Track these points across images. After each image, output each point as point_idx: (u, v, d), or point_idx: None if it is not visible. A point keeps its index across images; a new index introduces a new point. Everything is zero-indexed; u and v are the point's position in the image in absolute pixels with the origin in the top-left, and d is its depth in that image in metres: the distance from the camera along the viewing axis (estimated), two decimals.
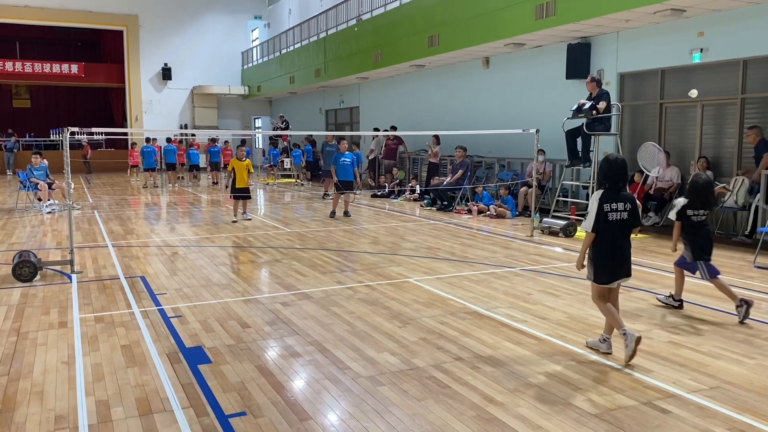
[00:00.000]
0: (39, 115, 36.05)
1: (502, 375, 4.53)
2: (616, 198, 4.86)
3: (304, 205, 16.18)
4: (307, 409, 3.98)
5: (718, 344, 5.19)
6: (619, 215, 4.85)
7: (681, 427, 3.73)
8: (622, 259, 4.91)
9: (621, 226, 4.88)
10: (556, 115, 11.90)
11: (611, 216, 4.83)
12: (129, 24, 30.66)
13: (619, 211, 4.85)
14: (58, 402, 4.09)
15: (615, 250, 4.87)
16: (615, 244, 4.87)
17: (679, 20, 11.24)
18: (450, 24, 15.26)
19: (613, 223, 4.84)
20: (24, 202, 15.22)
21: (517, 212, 13.46)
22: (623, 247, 4.91)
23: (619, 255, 4.89)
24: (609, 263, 4.89)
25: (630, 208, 4.88)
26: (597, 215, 4.83)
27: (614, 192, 4.87)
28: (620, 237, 4.89)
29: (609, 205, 4.84)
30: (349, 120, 25.27)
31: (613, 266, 4.90)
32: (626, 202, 4.87)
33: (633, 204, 4.92)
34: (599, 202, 4.85)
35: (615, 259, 4.89)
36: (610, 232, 4.85)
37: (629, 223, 4.91)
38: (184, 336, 5.42)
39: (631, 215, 4.90)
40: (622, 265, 4.91)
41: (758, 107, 10.61)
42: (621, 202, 4.86)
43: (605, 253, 4.88)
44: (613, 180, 4.90)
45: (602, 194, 4.88)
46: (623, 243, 4.91)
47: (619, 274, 4.94)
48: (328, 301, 6.57)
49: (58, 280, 7.57)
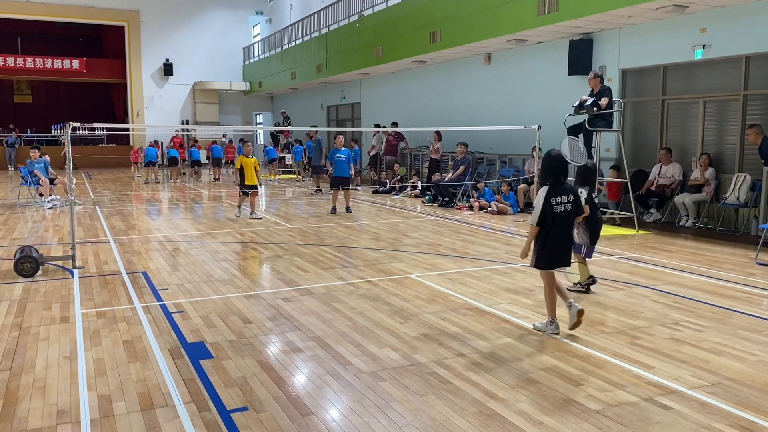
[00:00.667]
0: (40, 110, 36.07)
1: (504, 371, 4.53)
2: (560, 191, 5.16)
3: (306, 201, 16.18)
4: (309, 405, 3.99)
5: (719, 340, 5.19)
6: (564, 207, 5.16)
7: (682, 423, 3.73)
8: (566, 248, 5.29)
9: (566, 218, 5.20)
10: (558, 112, 11.89)
11: (557, 209, 5.14)
12: (130, 19, 30.64)
13: (564, 203, 5.16)
14: (60, 397, 4.10)
15: (560, 240, 5.22)
16: (561, 234, 5.20)
17: (681, 16, 11.21)
18: (452, 20, 15.23)
19: (558, 215, 5.15)
20: (26, 198, 15.23)
21: (519, 209, 13.45)
22: (567, 237, 5.29)
23: (563, 244, 5.25)
24: (554, 252, 5.23)
25: (573, 200, 5.21)
26: (543, 210, 5.13)
27: (558, 186, 5.18)
28: (565, 228, 5.23)
29: (555, 199, 5.14)
30: (350, 116, 25.25)
31: (558, 255, 5.25)
32: (569, 194, 5.20)
33: (575, 196, 5.26)
34: (545, 198, 5.14)
35: (560, 248, 5.24)
36: (557, 224, 5.15)
37: (573, 214, 5.25)
38: (186, 331, 5.42)
39: (574, 206, 5.24)
40: (565, 254, 5.29)
41: (760, 104, 10.59)
42: (564, 195, 5.17)
43: (552, 243, 5.19)
44: (556, 174, 5.22)
45: (548, 190, 5.16)
46: (568, 233, 5.28)
47: (561, 261, 5.30)
48: (329, 297, 6.57)
49: (60, 276, 7.58)
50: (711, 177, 10.92)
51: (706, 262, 8.26)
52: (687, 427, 3.67)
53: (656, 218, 11.84)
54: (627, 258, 8.63)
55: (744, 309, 6.12)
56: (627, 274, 7.68)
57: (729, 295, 6.66)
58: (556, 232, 5.15)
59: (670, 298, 6.53)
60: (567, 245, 5.29)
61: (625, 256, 8.78)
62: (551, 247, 5.18)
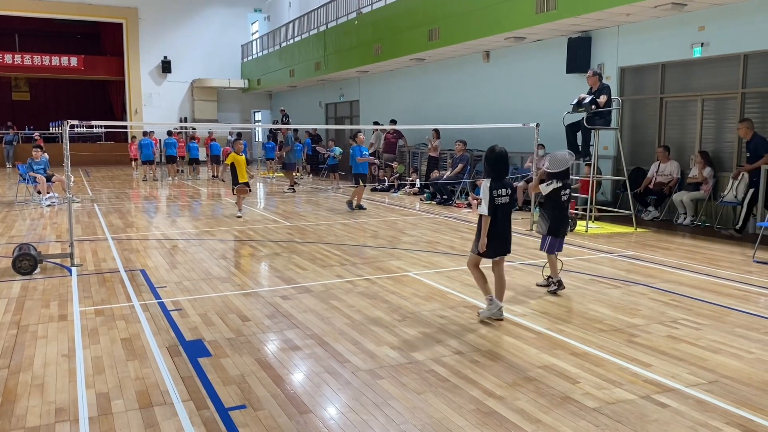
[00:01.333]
0: (38, 108, 36.01)
1: (502, 369, 4.54)
2: (500, 185, 5.60)
3: (304, 199, 16.18)
4: (307, 402, 4.00)
5: (716, 338, 5.20)
6: (503, 199, 5.61)
7: (679, 421, 3.74)
8: (506, 237, 5.71)
9: (505, 209, 5.65)
10: (557, 109, 11.89)
11: (498, 200, 5.59)
12: (128, 16, 30.57)
13: (503, 195, 5.61)
14: (59, 394, 4.10)
15: (501, 230, 5.65)
16: (501, 224, 5.65)
17: (679, 14, 11.22)
18: (450, 17, 15.22)
19: (499, 207, 5.60)
20: (24, 195, 15.22)
21: (517, 206, 13.46)
22: (507, 227, 5.71)
23: (504, 233, 5.68)
24: (495, 241, 5.62)
25: (510, 193, 5.66)
26: (490, 201, 5.56)
27: (499, 179, 5.62)
28: (504, 218, 5.67)
29: (496, 191, 5.58)
30: (349, 114, 25.24)
31: (498, 243, 5.66)
32: (507, 188, 5.65)
33: (512, 190, 5.73)
34: (489, 190, 5.55)
35: (500, 237, 5.65)
36: (498, 215, 5.61)
37: (510, 207, 5.68)
38: (184, 329, 5.43)
39: (511, 199, 5.67)
40: (505, 243, 5.72)
41: (759, 102, 10.60)
42: (504, 188, 5.62)
43: (495, 233, 5.61)
44: (498, 168, 5.66)
45: (490, 183, 5.59)
46: (506, 223, 5.70)
47: (502, 250, 5.73)
48: (327, 295, 6.58)
49: (58, 273, 7.58)
50: (709, 175, 10.93)
51: (703, 260, 8.28)
52: (684, 425, 3.69)
53: (654, 216, 11.86)
54: (625, 256, 8.64)
55: (741, 307, 6.13)
56: (625, 272, 7.69)
57: (726, 293, 6.68)
58: (497, 223, 5.59)
59: (667, 296, 6.55)
60: (506, 235, 5.71)
61: (623, 253, 8.79)
62: (495, 236, 5.59)
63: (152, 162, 22.03)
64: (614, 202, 12.81)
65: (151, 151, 21.80)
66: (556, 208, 6.63)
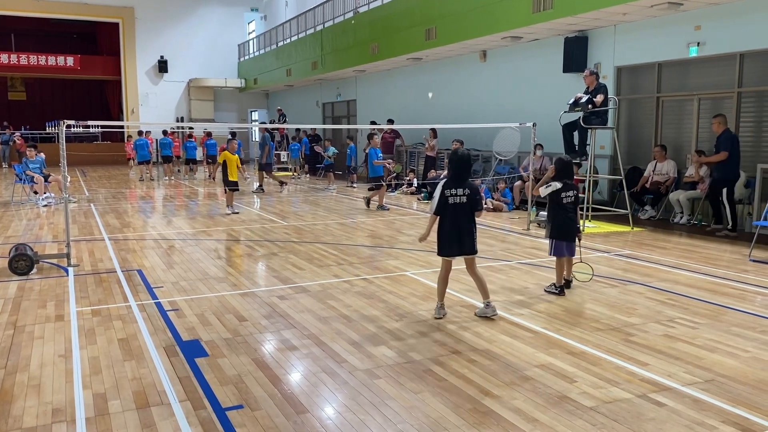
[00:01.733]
0: (34, 108, 35.90)
1: (498, 368, 4.55)
2: (457, 185, 5.63)
3: (301, 198, 16.17)
4: (304, 402, 4.00)
5: (712, 337, 5.21)
6: (459, 199, 5.61)
7: (676, 419, 3.75)
8: (461, 237, 5.65)
9: (460, 209, 5.62)
10: (553, 109, 11.91)
11: (450, 200, 5.60)
12: (125, 16, 30.52)
13: (459, 195, 5.61)
14: (56, 395, 4.09)
15: (454, 229, 5.63)
16: (454, 223, 5.63)
17: (676, 14, 11.24)
18: (447, 17, 15.23)
19: (452, 206, 5.61)
20: (20, 195, 15.18)
21: (514, 206, 13.48)
22: (462, 227, 5.65)
23: (457, 233, 5.64)
24: (448, 239, 5.65)
25: (468, 194, 5.63)
26: (439, 200, 5.61)
27: (456, 180, 5.66)
28: (460, 218, 5.64)
29: (450, 191, 5.61)
30: (346, 113, 25.23)
31: (452, 242, 5.65)
32: (465, 188, 5.64)
33: (472, 191, 5.67)
34: (442, 189, 5.63)
35: (453, 236, 5.64)
36: (451, 214, 5.62)
37: (468, 207, 5.64)
38: (181, 329, 5.42)
39: (470, 200, 5.63)
40: (461, 242, 5.66)
41: (755, 101, 10.62)
42: (461, 189, 5.62)
43: (446, 231, 5.65)
44: (456, 169, 5.72)
45: (445, 182, 5.68)
46: (463, 223, 5.65)
47: (459, 250, 5.69)
48: (324, 295, 6.58)
49: (55, 274, 7.57)
50: (705, 174, 10.95)
51: (700, 259, 8.30)
52: (680, 424, 3.70)
53: (651, 215, 11.88)
54: (621, 255, 8.66)
55: (737, 306, 6.15)
56: (621, 271, 7.71)
57: (723, 291, 6.70)
58: (449, 222, 5.62)
59: (664, 295, 6.56)
60: (460, 236, 5.63)
61: (619, 253, 8.80)
62: (445, 234, 5.64)
63: (149, 162, 22.00)
64: (611, 201, 12.83)
65: (147, 151, 21.76)
66: (558, 211, 6.54)
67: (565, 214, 6.53)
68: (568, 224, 6.53)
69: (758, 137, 10.59)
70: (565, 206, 6.53)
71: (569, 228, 6.53)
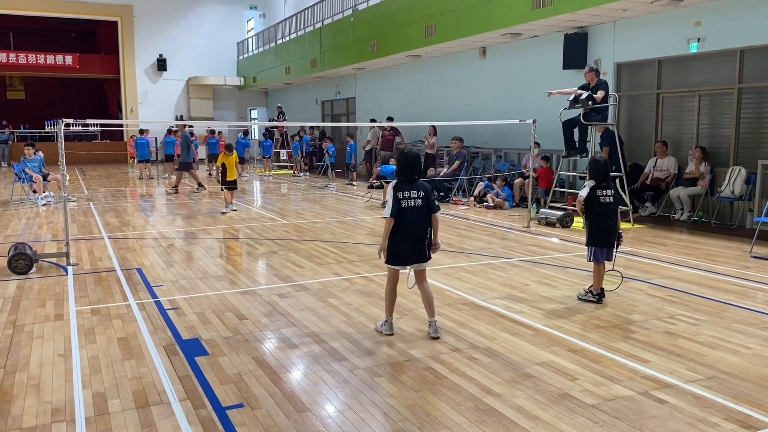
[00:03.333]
0: (33, 106, 35.84)
1: (499, 366, 4.53)
2: (409, 187, 5.14)
3: (301, 197, 16.14)
4: (305, 401, 3.98)
5: (714, 334, 5.20)
6: (414, 202, 5.12)
7: (678, 417, 3.74)
8: (416, 244, 5.15)
9: (416, 213, 5.13)
10: (553, 106, 11.88)
11: (404, 203, 5.11)
12: (123, 14, 30.45)
13: (413, 198, 5.12)
14: (55, 395, 4.08)
15: (408, 235, 5.14)
16: (408, 229, 5.13)
17: (676, 10, 11.20)
18: (446, 14, 15.19)
19: (406, 210, 5.10)
20: (19, 195, 15.16)
21: (515, 203, 13.46)
22: (417, 233, 5.15)
23: (414, 239, 5.15)
24: (401, 247, 5.15)
25: (423, 196, 5.15)
26: (393, 202, 5.11)
27: (408, 182, 5.17)
28: (416, 223, 5.14)
29: (402, 194, 5.12)
30: (345, 111, 25.19)
31: (405, 250, 5.16)
32: (419, 190, 5.15)
33: (426, 192, 5.19)
34: (394, 191, 5.15)
35: (406, 242, 5.14)
36: (404, 219, 5.10)
37: (424, 210, 5.15)
38: (181, 328, 5.41)
39: (425, 202, 5.16)
40: (414, 250, 5.16)
41: (755, 97, 10.60)
42: (415, 191, 5.14)
43: (400, 238, 5.13)
44: (407, 171, 5.19)
45: (396, 184, 5.20)
46: (418, 228, 5.15)
47: (411, 258, 5.18)
48: (325, 293, 6.56)
49: (54, 273, 7.55)
50: (706, 170, 10.93)
51: (701, 256, 8.28)
52: (683, 421, 3.68)
53: (651, 212, 11.86)
54: (622, 252, 8.63)
55: (739, 302, 6.14)
56: (622, 268, 7.65)
57: (724, 288, 6.68)
58: (403, 227, 5.11)
59: (665, 291, 6.54)
60: (415, 242, 5.14)
61: (620, 249, 8.76)
62: (398, 241, 5.12)
63: (148, 161, 21.98)
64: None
65: (147, 151, 21.74)
66: (595, 214, 6.10)
67: (604, 218, 6.05)
68: (606, 229, 6.06)
69: (758, 133, 10.56)
70: (603, 208, 6.05)
71: (607, 233, 6.07)
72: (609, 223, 6.08)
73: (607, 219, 6.08)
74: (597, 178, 6.15)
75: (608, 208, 6.09)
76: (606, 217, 6.08)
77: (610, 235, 6.08)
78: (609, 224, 6.08)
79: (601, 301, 6.14)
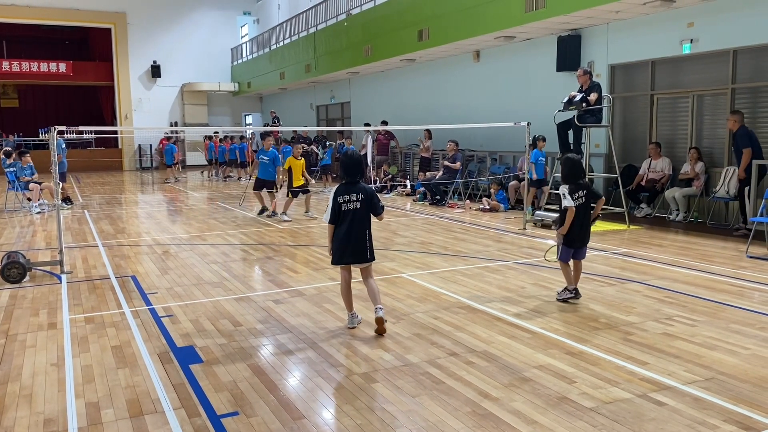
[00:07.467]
0: (27, 114, 35.74)
1: (497, 369, 4.50)
2: (350, 190, 5.30)
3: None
4: (300, 408, 3.94)
5: (712, 335, 5.18)
6: (353, 205, 5.28)
7: (677, 419, 3.71)
8: (354, 244, 5.31)
9: (355, 215, 5.29)
10: (547, 108, 11.88)
11: (344, 206, 5.28)
12: (117, 21, 30.40)
13: (353, 201, 5.28)
14: (48, 405, 4.03)
15: (347, 236, 5.30)
16: (348, 230, 5.29)
17: (669, 11, 11.23)
18: (440, 17, 15.20)
19: (346, 213, 5.28)
20: (13, 203, 15.08)
21: (510, 206, 13.45)
22: (356, 234, 5.31)
23: (347, 240, 5.30)
24: (341, 247, 5.34)
25: (363, 198, 5.29)
26: (332, 207, 5.30)
27: (349, 185, 5.33)
28: (355, 225, 5.29)
29: (342, 197, 5.28)
30: (340, 115, 25.19)
31: (344, 249, 5.33)
32: (359, 193, 5.29)
33: (366, 194, 5.31)
34: (334, 196, 5.31)
35: (345, 243, 5.32)
36: (345, 221, 5.29)
37: (365, 212, 5.32)
38: (176, 335, 5.36)
39: (365, 204, 5.30)
40: (352, 249, 5.33)
41: (748, 97, 10.62)
42: (354, 194, 5.29)
43: (339, 238, 5.33)
44: (348, 174, 5.36)
45: (337, 188, 5.35)
46: (357, 230, 5.31)
47: (349, 257, 5.36)
48: (320, 298, 6.53)
49: (48, 281, 7.49)
50: (701, 171, 10.94)
51: (697, 257, 8.27)
52: (682, 423, 3.65)
53: (647, 213, 11.87)
54: (618, 253, 8.63)
55: (736, 303, 6.12)
56: (618, 269, 7.67)
57: (721, 288, 6.67)
58: (343, 229, 5.29)
59: (662, 293, 6.53)
60: (354, 242, 5.31)
61: (616, 251, 8.77)
62: (339, 242, 5.32)
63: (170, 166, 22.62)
64: (606, 199, 12.77)
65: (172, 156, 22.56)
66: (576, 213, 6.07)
67: (575, 219, 6.06)
68: (576, 230, 6.09)
69: None
70: (576, 209, 6.05)
71: (578, 232, 6.10)
72: (578, 224, 6.11)
73: (577, 220, 6.09)
74: (571, 179, 6.16)
75: (581, 208, 6.13)
76: (577, 219, 6.10)
77: (581, 234, 6.16)
78: (578, 225, 6.11)
79: (578, 295, 6.19)
